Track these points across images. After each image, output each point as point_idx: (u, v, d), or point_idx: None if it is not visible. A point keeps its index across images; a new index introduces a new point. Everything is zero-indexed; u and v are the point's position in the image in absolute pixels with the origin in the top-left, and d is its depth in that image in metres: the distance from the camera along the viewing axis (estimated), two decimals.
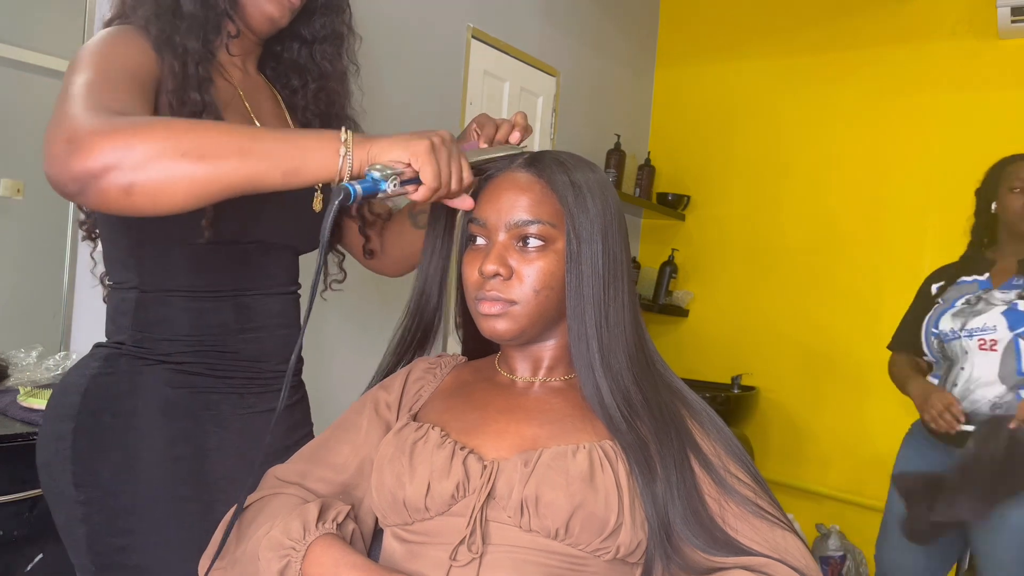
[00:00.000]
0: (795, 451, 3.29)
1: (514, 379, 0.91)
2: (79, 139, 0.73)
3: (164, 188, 0.74)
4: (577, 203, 0.84)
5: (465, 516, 0.79)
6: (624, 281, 0.87)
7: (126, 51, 0.92)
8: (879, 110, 3.13)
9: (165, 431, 1.00)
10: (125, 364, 1.02)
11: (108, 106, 0.78)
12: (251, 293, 1.09)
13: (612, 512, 0.77)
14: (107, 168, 0.73)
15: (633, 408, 0.83)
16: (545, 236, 0.84)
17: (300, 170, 0.77)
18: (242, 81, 1.10)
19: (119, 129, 0.74)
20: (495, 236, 0.86)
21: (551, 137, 3.07)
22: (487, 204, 0.87)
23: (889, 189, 3.10)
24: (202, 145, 0.74)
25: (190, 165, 0.74)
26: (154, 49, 0.95)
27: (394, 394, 0.95)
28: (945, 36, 3.01)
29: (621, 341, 0.85)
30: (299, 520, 0.81)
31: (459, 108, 2.61)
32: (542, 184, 0.86)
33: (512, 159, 0.90)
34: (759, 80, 3.43)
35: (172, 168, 0.73)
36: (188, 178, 0.74)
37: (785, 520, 0.82)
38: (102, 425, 0.98)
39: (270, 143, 0.77)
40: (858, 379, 3.13)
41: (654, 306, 3.44)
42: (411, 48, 2.41)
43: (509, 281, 0.84)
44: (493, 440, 0.84)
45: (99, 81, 0.83)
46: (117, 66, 0.87)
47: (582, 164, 0.89)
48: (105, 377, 1.01)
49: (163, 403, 1.01)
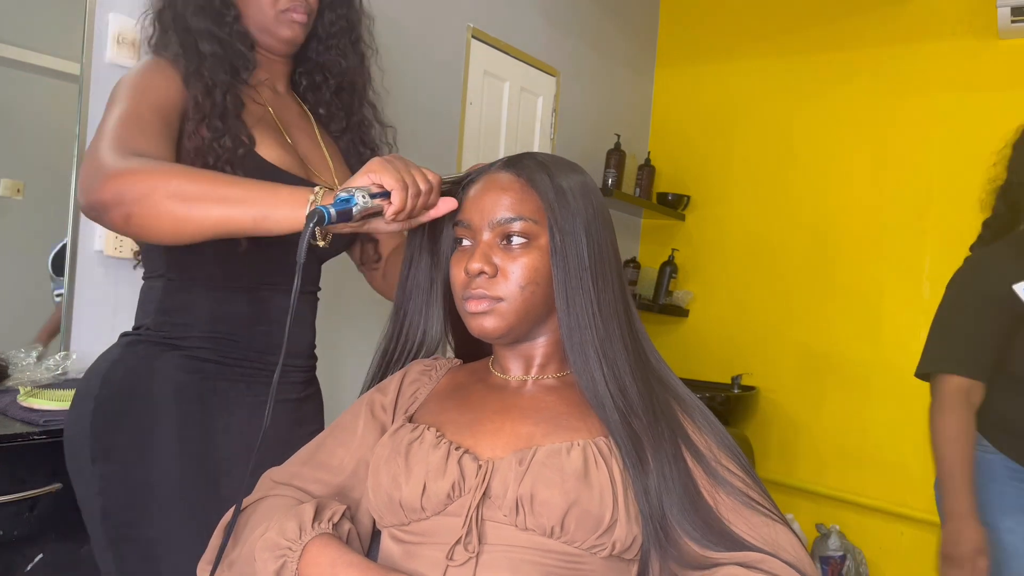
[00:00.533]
0: (795, 451, 3.29)
1: (508, 379, 0.92)
2: (100, 176, 0.90)
3: (153, 222, 0.89)
4: (558, 199, 0.86)
5: (461, 516, 0.79)
6: (613, 273, 0.88)
7: (157, 86, 1.05)
8: (879, 110, 3.13)
9: (176, 413, 1.07)
10: (143, 350, 1.10)
11: (131, 147, 0.94)
12: (269, 288, 1.16)
13: (607, 508, 0.77)
14: (114, 202, 0.89)
15: (628, 400, 0.83)
16: (528, 233, 0.85)
17: (268, 217, 0.87)
18: (272, 100, 1.20)
19: (129, 171, 0.89)
20: (479, 236, 0.87)
21: (551, 137, 3.07)
22: (470, 206, 0.89)
23: (889, 188, 3.10)
24: (187, 191, 0.88)
25: (174, 205, 0.88)
26: (183, 81, 1.07)
27: (390, 396, 0.96)
28: (945, 36, 3.01)
29: (616, 330, 0.86)
30: (295, 520, 0.81)
31: (459, 108, 2.62)
32: (522, 183, 0.88)
33: (492, 164, 0.92)
34: (759, 80, 3.43)
35: (160, 207, 0.88)
36: (171, 215, 0.88)
37: (777, 513, 0.82)
38: (119, 405, 1.07)
39: (248, 192, 0.88)
40: (858, 379, 3.13)
41: (654, 306, 3.44)
42: (411, 48, 2.41)
43: (495, 279, 0.85)
44: (488, 440, 0.85)
45: (129, 119, 0.98)
46: (148, 102, 1.01)
47: (563, 164, 0.91)
48: (124, 362, 1.10)
49: (175, 387, 1.08)
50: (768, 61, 3.41)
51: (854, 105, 3.19)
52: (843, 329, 3.18)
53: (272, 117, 1.18)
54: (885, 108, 3.12)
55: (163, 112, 1.02)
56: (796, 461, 3.28)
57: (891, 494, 3.05)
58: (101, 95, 1.63)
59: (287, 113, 1.22)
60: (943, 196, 2.99)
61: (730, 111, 3.51)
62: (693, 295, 3.57)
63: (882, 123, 3.12)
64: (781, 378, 3.32)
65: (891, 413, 3.06)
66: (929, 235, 3.02)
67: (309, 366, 1.27)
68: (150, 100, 1.02)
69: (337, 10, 1.25)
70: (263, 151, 1.11)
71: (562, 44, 3.08)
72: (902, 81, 3.09)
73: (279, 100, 1.22)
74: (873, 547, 3.09)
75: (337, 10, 1.25)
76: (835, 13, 3.25)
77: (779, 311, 3.33)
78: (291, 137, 1.19)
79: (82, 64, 1.61)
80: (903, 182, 3.07)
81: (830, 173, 3.23)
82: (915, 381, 3.14)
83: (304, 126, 1.24)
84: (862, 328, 3.13)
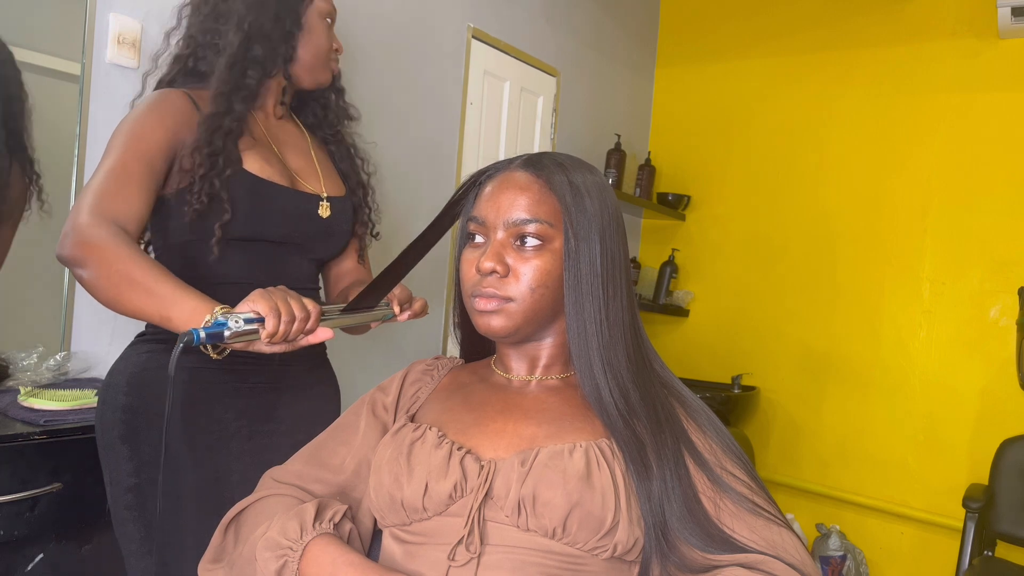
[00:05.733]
0: (795, 451, 3.29)
1: (510, 378, 0.92)
2: (71, 236, 1.08)
3: (95, 292, 1.08)
4: (575, 203, 0.85)
5: (463, 516, 0.79)
6: (623, 280, 0.87)
7: (151, 134, 1.19)
8: (879, 110, 3.13)
9: (182, 397, 1.23)
10: (147, 348, 1.26)
11: (110, 208, 1.11)
12: (263, 286, 1.21)
13: (609, 510, 0.77)
14: (73, 263, 1.09)
15: (631, 406, 0.83)
16: (543, 235, 0.85)
17: (170, 320, 1.02)
18: (265, 122, 1.35)
19: (90, 244, 1.07)
20: (493, 234, 0.86)
21: (551, 137, 3.07)
22: (486, 203, 0.87)
23: (889, 188, 3.10)
24: (119, 277, 1.05)
25: (107, 285, 1.06)
26: (194, 104, 1.25)
27: (391, 396, 0.96)
28: (945, 36, 3.01)
29: (620, 339, 0.86)
30: (296, 520, 0.81)
31: (459, 108, 2.62)
32: (541, 184, 0.86)
33: (511, 160, 0.91)
34: (760, 80, 3.43)
35: (100, 282, 1.07)
36: (106, 292, 1.07)
37: (781, 517, 0.82)
38: (143, 394, 1.22)
39: (167, 294, 1.04)
40: (858, 378, 3.13)
41: (654, 306, 3.44)
42: (411, 48, 2.41)
43: (506, 279, 0.85)
44: (490, 440, 0.85)
45: (116, 173, 1.14)
46: (139, 151, 1.17)
47: (581, 166, 0.90)
48: (139, 356, 1.26)
49: (182, 376, 1.23)
50: (768, 61, 3.42)
51: (855, 105, 3.19)
52: (843, 329, 3.18)
53: (263, 134, 1.33)
54: (885, 108, 3.12)
55: (151, 160, 1.18)
56: (796, 461, 3.28)
57: (891, 494, 3.05)
58: (102, 95, 1.64)
59: (280, 132, 1.38)
60: (943, 196, 2.99)
61: (730, 111, 3.51)
62: (693, 295, 3.57)
63: (882, 123, 3.13)
64: (781, 378, 3.32)
65: (891, 412, 3.06)
66: (929, 235, 3.02)
67: (315, 353, 1.40)
68: (141, 150, 1.17)
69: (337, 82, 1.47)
70: (248, 164, 1.25)
71: (562, 44, 3.08)
72: (902, 81, 3.09)
73: (271, 120, 1.37)
74: (873, 547, 3.09)
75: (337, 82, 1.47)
76: (835, 13, 3.25)
77: (779, 311, 3.33)
78: (281, 152, 1.34)
79: (83, 64, 1.61)
80: (903, 182, 3.07)
81: (830, 173, 3.24)
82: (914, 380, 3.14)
83: (299, 144, 1.40)
84: (862, 328, 3.13)
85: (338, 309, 1.09)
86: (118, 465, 1.19)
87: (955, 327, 2.96)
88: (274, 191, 1.27)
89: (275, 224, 1.28)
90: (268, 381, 1.29)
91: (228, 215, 1.21)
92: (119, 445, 1.19)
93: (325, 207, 1.35)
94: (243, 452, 1.25)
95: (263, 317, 0.97)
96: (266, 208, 1.26)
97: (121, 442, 1.19)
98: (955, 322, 2.96)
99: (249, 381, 1.27)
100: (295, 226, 1.31)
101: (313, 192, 1.34)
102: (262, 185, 1.26)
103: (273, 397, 1.30)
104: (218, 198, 1.20)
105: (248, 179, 1.24)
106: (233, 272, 1.26)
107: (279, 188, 1.28)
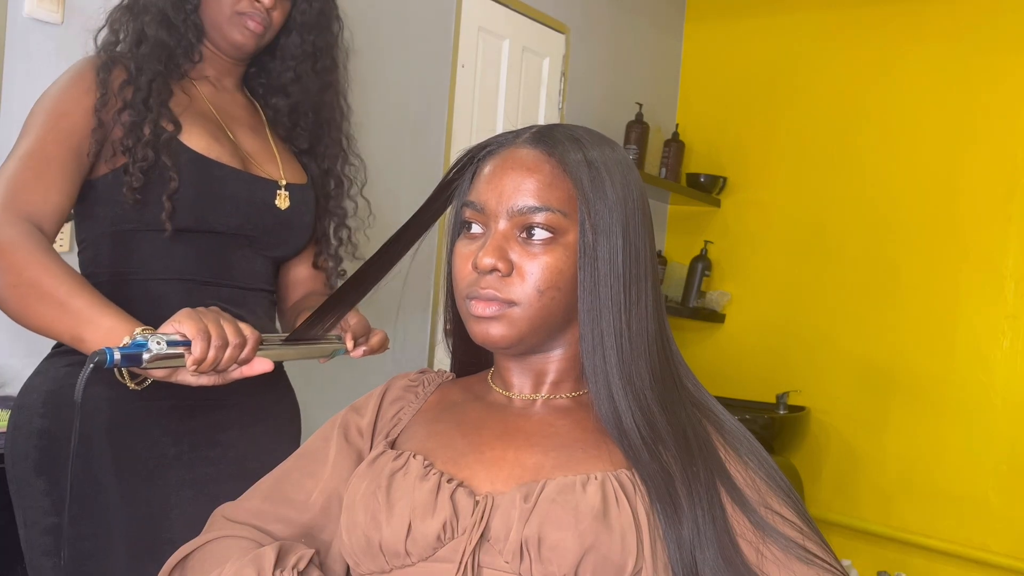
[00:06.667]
0: (852, 484, 3.29)
1: (511, 397, 0.92)
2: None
3: (2, 303, 1.10)
4: (594, 188, 0.84)
5: (454, 562, 0.79)
6: (648, 282, 0.87)
7: (73, 110, 1.20)
8: (955, 72, 3.13)
9: (108, 418, 1.22)
10: (65, 360, 1.24)
11: (24, 202, 1.13)
12: (209, 284, 1.28)
13: (630, 555, 0.77)
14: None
15: (657, 433, 0.83)
16: (554, 227, 0.84)
17: (84, 341, 1.04)
18: (213, 94, 1.37)
19: None
20: (494, 224, 0.86)
21: (559, 107, 3.08)
22: (486, 185, 0.87)
23: (967, 168, 3.10)
24: (27, 287, 1.07)
25: (13, 295, 1.08)
26: (106, 69, 1.23)
27: (367, 417, 0.96)
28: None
29: (644, 353, 0.85)
30: (253, 567, 0.81)
31: (448, 72, 2.62)
32: (552, 164, 0.86)
33: (517, 134, 0.90)
34: (810, 37, 3.43)
35: (8, 291, 1.08)
36: (7, 303, 1.09)
37: (837, 565, 0.82)
38: (63, 416, 1.22)
39: (82, 309, 1.05)
40: (928, 397, 3.14)
41: (683, 310, 3.45)
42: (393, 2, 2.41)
43: (508, 278, 0.84)
44: (487, 470, 0.85)
45: (33, 158, 1.16)
46: (59, 131, 1.18)
47: (600, 141, 0.89)
48: (58, 371, 1.25)
49: (108, 393, 1.21)
50: (820, 14, 3.42)
51: (924, 66, 3.19)
52: (910, 338, 3.18)
53: (209, 109, 1.34)
54: (962, 70, 3.11)
55: (73, 141, 1.19)
56: (854, 496, 3.28)
57: (968, 535, 3.05)
58: (19, 53, 1.66)
59: (232, 107, 1.39)
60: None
61: (774, 75, 3.51)
62: (730, 297, 3.58)
63: (961, 88, 3.12)
64: (835, 397, 3.32)
65: (968, 439, 3.07)
66: (1015, 223, 3.02)
67: (280, 372, 1.40)
68: (62, 129, 1.19)
69: (306, 35, 1.41)
70: (190, 140, 1.26)
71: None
72: (983, 36, 3.08)
73: (222, 95, 1.38)
74: None
75: (306, 35, 1.41)
76: None
77: (833, 316, 3.34)
78: (232, 131, 1.35)
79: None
80: (984, 160, 3.07)
81: (897, 150, 3.24)
82: (996, 400, 3.12)
83: (253, 123, 1.41)
84: (933, 337, 3.14)
85: (280, 338, 1.12)
86: (33, 502, 1.19)
87: None
88: (223, 173, 1.28)
89: (223, 212, 1.29)
90: (214, 398, 1.25)
91: (175, 183, 1.21)
92: (34, 478, 1.19)
93: (283, 196, 1.36)
94: (183, 483, 1.25)
95: (189, 340, 0.97)
96: (213, 193, 1.27)
97: (36, 474, 1.19)
98: None
99: (191, 398, 1.24)
100: (247, 216, 1.32)
101: (269, 178, 1.35)
102: (208, 165, 1.26)
103: (219, 417, 1.30)
104: (159, 167, 1.20)
105: (191, 157, 1.25)
106: (175, 267, 1.26)
107: (229, 170, 1.29)
